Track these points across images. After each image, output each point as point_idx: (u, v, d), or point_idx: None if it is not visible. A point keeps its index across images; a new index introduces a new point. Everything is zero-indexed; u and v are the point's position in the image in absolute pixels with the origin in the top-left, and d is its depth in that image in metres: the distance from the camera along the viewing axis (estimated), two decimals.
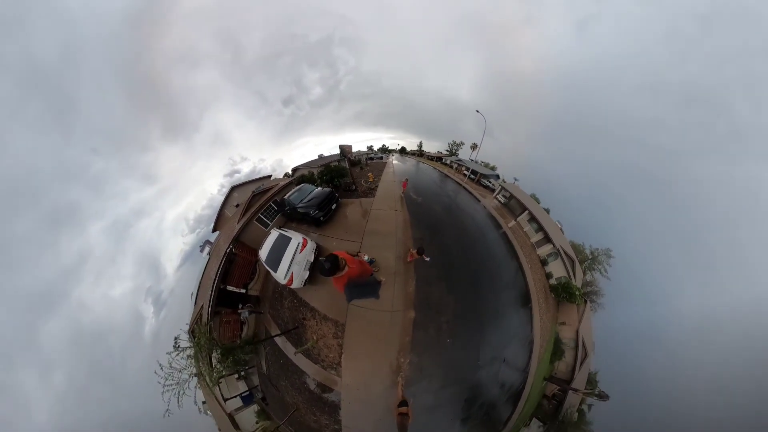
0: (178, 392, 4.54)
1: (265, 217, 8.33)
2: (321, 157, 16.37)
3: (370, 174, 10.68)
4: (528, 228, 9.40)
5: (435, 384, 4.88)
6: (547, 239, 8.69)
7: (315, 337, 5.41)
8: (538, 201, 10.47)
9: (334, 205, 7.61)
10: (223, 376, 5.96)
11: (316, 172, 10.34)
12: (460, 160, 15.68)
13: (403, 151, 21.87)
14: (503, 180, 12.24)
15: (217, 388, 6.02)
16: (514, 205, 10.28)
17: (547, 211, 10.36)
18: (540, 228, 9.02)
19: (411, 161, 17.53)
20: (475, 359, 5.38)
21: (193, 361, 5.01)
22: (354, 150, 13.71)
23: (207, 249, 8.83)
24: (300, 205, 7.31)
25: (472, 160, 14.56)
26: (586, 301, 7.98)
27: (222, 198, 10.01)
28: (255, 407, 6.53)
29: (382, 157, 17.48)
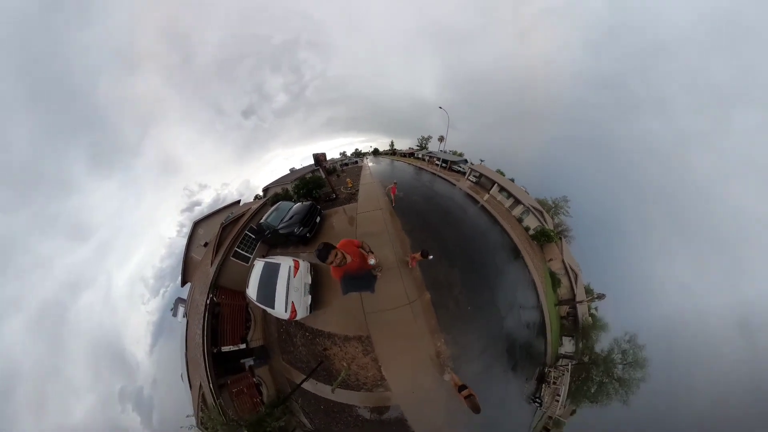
0: None
1: (243, 249, 7.13)
2: (293, 171, 15.26)
3: (348, 180, 10.35)
4: (500, 197, 11.42)
5: (476, 350, 5.36)
6: (518, 201, 10.78)
7: (345, 364, 4.81)
8: (503, 174, 12.87)
9: (318, 218, 7.00)
10: None
11: (290, 187, 9.71)
12: (430, 152, 17.09)
13: (376, 152, 21.34)
14: (471, 163, 13.98)
15: None
16: (484, 181, 12.27)
17: (512, 180, 12.85)
18: (510, 195, 11.14)
19: (385, 161, 18.11)
20: (498, 314, 6.14)
21: None
22: (328, 158, 13.22)
23: (181, 310, 7.17)
24: (281, 225, 6.54)
25: (441, 150, 16.18)
26: (561, 238, 10.31)
27: (184, 240, 7.93)
28: None
29: (357, 161, 17.24)
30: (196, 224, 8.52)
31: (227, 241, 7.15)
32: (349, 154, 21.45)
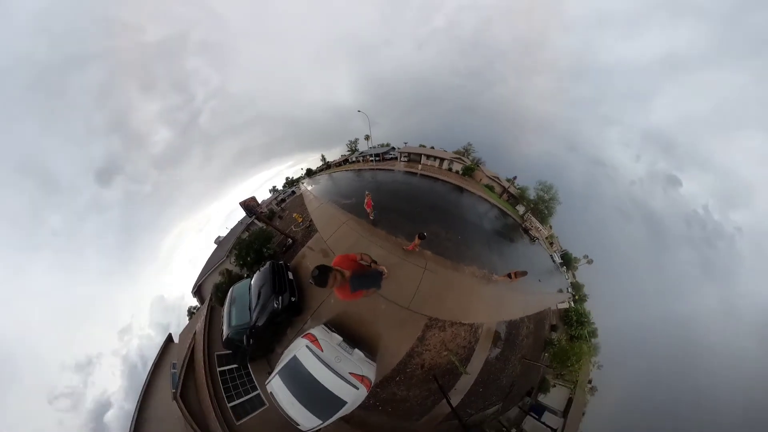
0: None
1: (234, 389, 4.69)
2: (219, 240, 12.39)
3: (295, 215, 9.05)
4: (430, 162, 14.59)
5: (485, 251, 7.61)
6: (442, 159, 14.37)
7: (446, 351, 4.67)
8: (424, 146, 16.48)
9: (290, 273, 5.80)
10: None
11: (231, 263, 7.66)
12: (362, 152, 18.77)
13: (310, 173, 18.56)
14: (398, 148, 16.79)
15: None
16: (414, 157, 15.30)
17: (432, 147, 16.65)
18: (435, 158, 14.58)
19: (323, 177, 17.79)
20: (477, 225, 9.20)
21: None
22: (259, 200, 11.37)
23: None
24: (255, 315, 4.79)
25: (370, 147, 18.21)
26: (477, 165, 14.01)
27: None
28: None
29: (293, 192, 15.14)
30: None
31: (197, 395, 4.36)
32: (281, 186, 18.36)
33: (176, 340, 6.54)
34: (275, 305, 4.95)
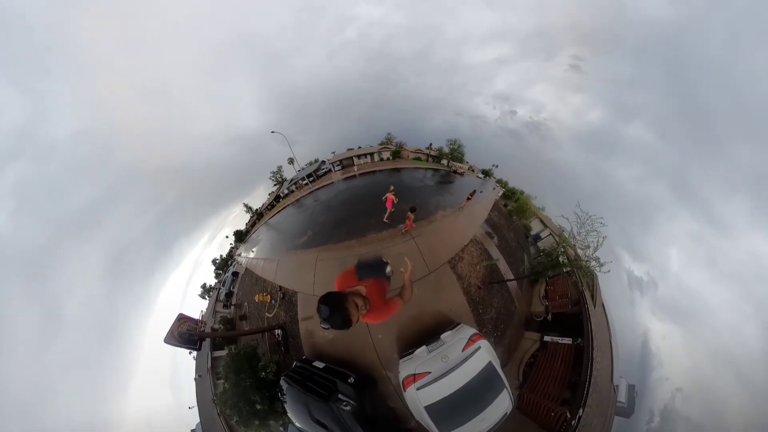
0: None
1: None
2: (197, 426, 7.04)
3: (257, 297, 6.66)
4: (362, 161, 15.53)
5: (434, 201, 8.72)
6: (371, 154, 15.57)
7: (486, 262, 5.77)
8: (352, 148, 16.85)
9: (318, 364, 4.50)
10: None
11: (220, 390, 4.91)
12: (291, 180, 17.11)
13: (240, 236, 13.48)
14: (328, 160, 16.53)
15: None
16: (347, 162, 15.70)
17: (359, 147, 17.01)
18: (365, 155, 15.50)
19: (260, 231, 14.70)
20: (421, 187, 11.07)
21: None
22: (196, 314, 7.24)
23: None
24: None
25: (299, 171, 16.86)
26: (402, 148, 15.86)
27: None
28: None
29: (235, 274, 9.88)
30: None
31: None
32: (212, 283, 11.48)
33: None
34: (347, 408, 3.62)
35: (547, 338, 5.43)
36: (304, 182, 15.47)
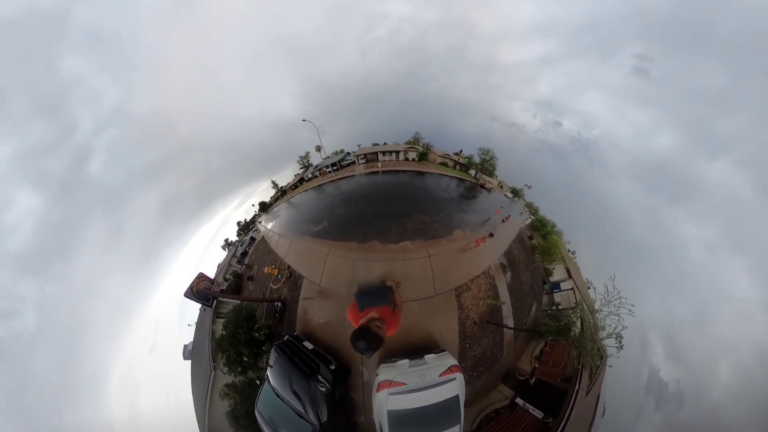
0: None
1: None
2: (189, 352, 8.33)
3: (267, 269, 7.00)
4: (386, 158, 15.32)
5: (456, 217, 8.60)
6: (397, 152, 15.26)
7: (491, 300, 5.58)
8: (378, 144, 16.79)
9: (307, 344, 4.78)
10: None
11: (225, 372, 5.59)
12: (316, 166, 17.73)
13: (264, 206, 15.07)
14: (353, 152, 16.68)
15: None
16: (371, 156, 15.63)
17: (385, 143, 16.89)
18: (391, 152, 15.27)
19: (281, 207, 14.35)
20: (444, 197, 10.70)
21: None
22: (212, 272, 8.94)
23: None
24: (314, 416, 3.98)
25: (324, 159, 17.37)
26: (429, 149, 15.41)
27: None
28: None
29: (252, 239, 10.97)
30: None
31: None
32: (234, 237, 13.45)
33: None
34: (322, 389, 4.07)
35: (518, 401, 5.14)
36: (328, 170, 15.70)
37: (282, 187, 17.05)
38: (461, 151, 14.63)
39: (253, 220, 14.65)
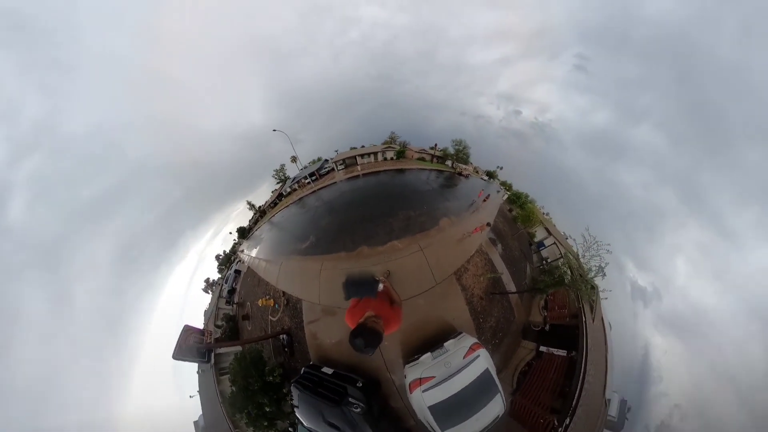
0: None
1: None
2: (201, 425, 7.29)
3: (261, 301, 6.41)
4: (366, 160, 15.22)
5: (440, 207, 8.87)
6: (375, 153, 15.32)
7: (490, 274, 5.85)
8: (355, 147, 16.56)
9: (327, 370, 4.60)
10: None
11: (246, 427, 4.99)
12: (294, 178, 16.98)
13: (243, 233, 13.38)
14: (331, 159, 15.50)
15: None
16: (350, 161, 15.40)
17: (363, 146, 16.76)
18: (369, 154, 15.27)
19: (263, 230, 12.70)
20: (426, 189, 11.08)
21: None
22: (200, 322, 7.87)
23: None
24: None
25: (302, 169, 16.67)
26: (405, 147, 15.95)
27: None
28: None
29: (237, 272, 9.58)
30: None
31: None
32: (215, 278, 11.70)
33: None
34: (357, 410, 3.95)
35: (542, 348, 5.73)
36: (307, 181, 14.99)
37: (260, 207, 15.47)
38: (436, 144, 15.37)
39: (234, 250, 12.90)
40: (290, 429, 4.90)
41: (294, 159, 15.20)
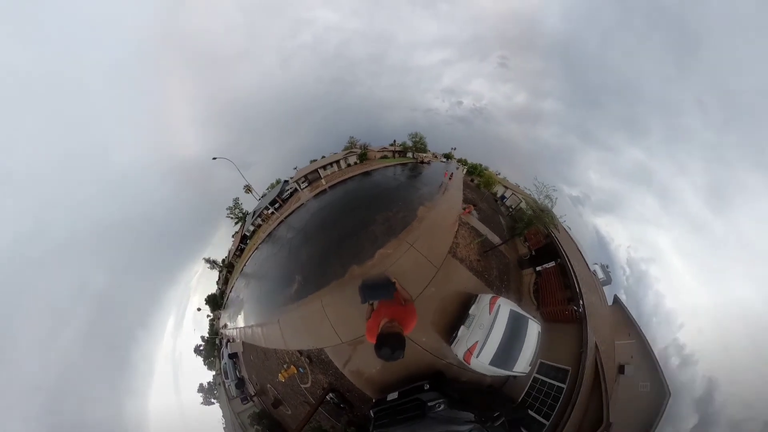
0: None
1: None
2: None
3: (281, 375, 5.50)
4: (330, 171, 14.39)
5: (414, 197, 9.56)
6: (338, 161, 14.80)
7: (477, 238, 6.96)
8: (315, 159, 15.18)
9: (390, 396, 4.47)
10: None
11: None
12: (254, 212, 14.86)
13: (215, 302, 10.02)
14: (291, 178, 13.57)
15: None
16: (312, 176, 14.24)
17: (323, 156, 15.67)
18: (331, 164, 14.58)
19: (238, 287, 10.09)
20: (396, 185, 11.54)
21: None
22: (223, 430, 5.54)
23: None
24: None
25: (260, 199, 13.01)
26: (367, 149, 15.99)
27: None
28: None
29: (233, 356, 7.65)
30: None
31: None
32: (209, 379, 9.09)
33: None
34: (441, 408, 3.94)
35: (538, 268, 7.40)
36: (270, 211, 12.85)
37: (224, 260, 12.35)
38: (395, 141, 16.23)
39: (214, 330, 9.97)
40: None
41: (248, 189, 12.53)
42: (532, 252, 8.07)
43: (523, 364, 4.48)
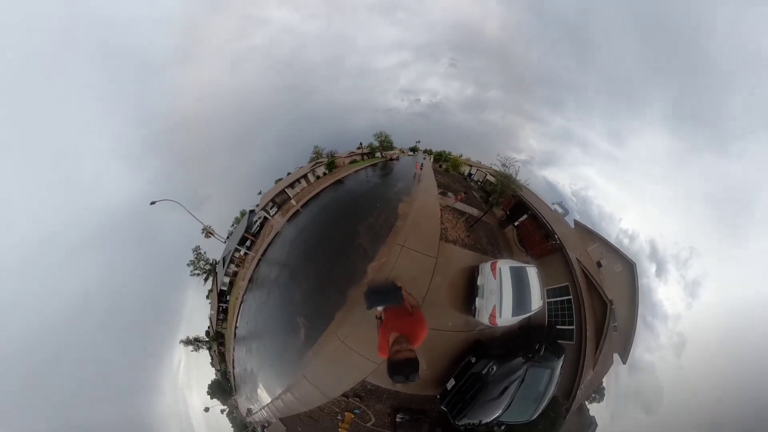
0: None
1: None
2: None
3: (341, 427, 5.05)
4: (300, 186, 13.08)
5: (392, 195, 9.78)
6: (305, 176, 13.66)
7: (463, 219, 7.69)
8: (281, 178, 13.59)
9: (448, 385, 5.00)
10: None
11: None
12: (223, 259, 12.76)
13: (220, 387, 8.77)
14: (256, 206, 11.71)
15: None
16: (281, 199, 12.32)
17: (289, 173, 14.12)
18: (299, 180, 13.24)
19: (239, 359, 8.97)
20: (371, 187, 12.05)
21: None
22: None
23: None
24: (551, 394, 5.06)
25: (226, 241, 11.07)
26: (334, 156, 15.40)
27: None
28: None
29: (265, 426, 7.07)
30: None
31: None
32: None
33: None
34: (495, 369, 4.63)
35: (516, 223, 8.93)
36: (242, 252, 10.91)
37: (207, 332, 10.32)
38: (362, 143, 15.94)
39: (240, 424, 8.40)
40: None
41: (208, 232, 9.98)
42: (507, 212, 9.59)
43: (536, 302, 5.46)
